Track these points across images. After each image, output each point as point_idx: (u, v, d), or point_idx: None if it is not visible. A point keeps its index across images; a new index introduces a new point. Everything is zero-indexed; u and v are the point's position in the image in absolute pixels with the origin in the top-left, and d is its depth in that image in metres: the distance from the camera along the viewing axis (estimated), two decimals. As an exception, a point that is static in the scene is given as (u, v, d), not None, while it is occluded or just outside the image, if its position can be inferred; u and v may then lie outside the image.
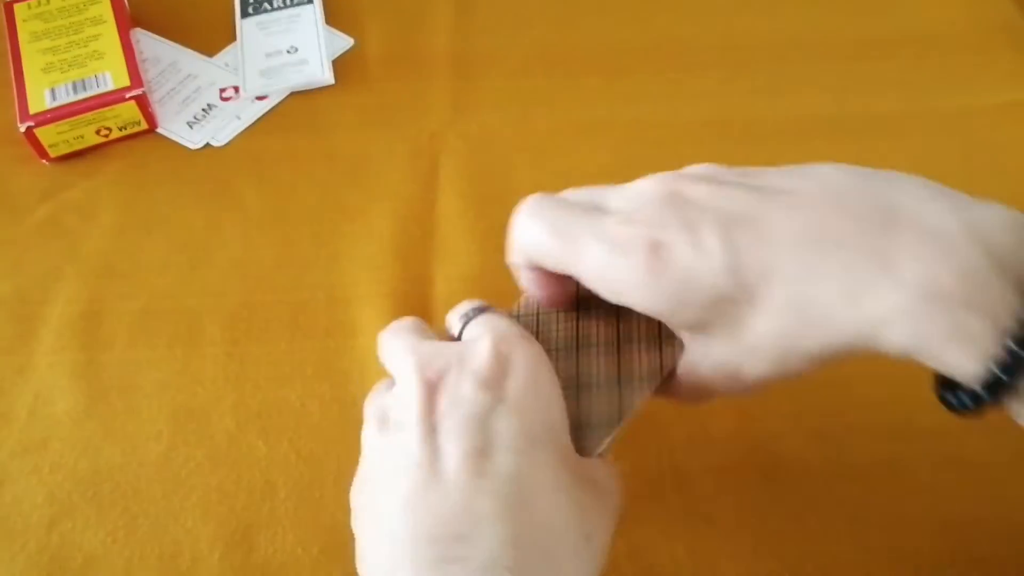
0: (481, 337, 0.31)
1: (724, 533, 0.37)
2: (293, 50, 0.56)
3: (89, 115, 0.49)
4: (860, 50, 0.55)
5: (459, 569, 0.27)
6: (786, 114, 0.52)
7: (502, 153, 0.51)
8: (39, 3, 0.55)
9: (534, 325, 0.34)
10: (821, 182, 0.29)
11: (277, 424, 0.41)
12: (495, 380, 0.30)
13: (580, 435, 0.32)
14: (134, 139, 0.52)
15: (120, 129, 0.51)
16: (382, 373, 0.42)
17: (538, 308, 0.35)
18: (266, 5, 0.58)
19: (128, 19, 0.55)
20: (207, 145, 0.52)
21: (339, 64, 0.55)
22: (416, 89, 0.54)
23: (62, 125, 0.49)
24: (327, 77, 0.54)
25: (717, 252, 0.27)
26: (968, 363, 0.25)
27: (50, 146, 0.50)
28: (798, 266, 0.27)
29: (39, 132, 0.49)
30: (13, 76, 0.51)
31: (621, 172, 0.49)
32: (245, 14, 0.58)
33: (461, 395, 0.29)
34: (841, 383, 0.40)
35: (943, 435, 0.38)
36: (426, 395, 0.30)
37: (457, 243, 0.47)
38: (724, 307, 0.28)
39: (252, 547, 0.37)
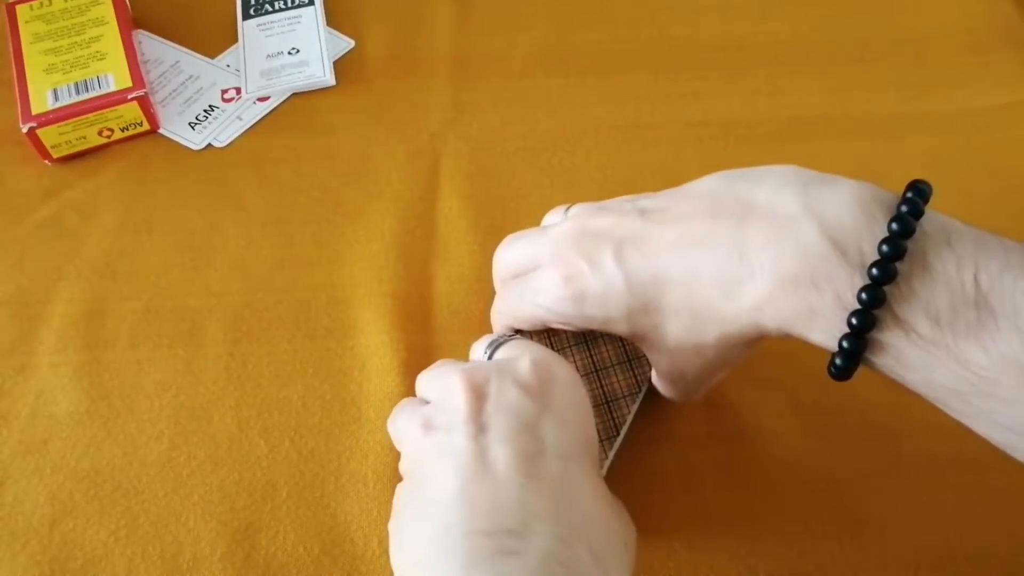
0: (521, 353, 0.33)
1: (724, 533, 0.37)
2: (294, 51, 0.56)
3: (91, 116, 0.49)
4: (860, 50, 0.55)
5: (516, 562, 0.27)
6: (786, 114, 0.52)
7: (502, 153, 0.51)
8: (41, 4, 0.55)
9: None
10: (696, 192, 0.32)
11: (278, 423, 0.41)
12: (539, 391, 0.31)
13: (610, 411, 0.37)
14: (136, 140, 0.52)
15: (122, 130, 0.51)
16: (382, 372, 0.42)
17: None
18: (267, 7, 0.58)
19: (130, 20, 0.55)
20: (209, 146, 0.52)
21: (340, 65, 0.55)
22: (416, 89, 0.54)
23: (64, 126, 0.49)
24: (328, 78, 0.54)
25: (614, 272, 0.32)
26: (824, 337, 0.28)
27: (52, 147, 0.50)
28: (681, 270, 0.31)
29: (41, 133, 0.49)
30: (15, 77, 0.51)
31: (621, 172, 0.50)
32: (246, 16, 0.58)
33: (507, 401, 0.30)
34: (841, 384, 0.40)
35: (942, 435, 0.38)
36: (473, 399, 0.31)
37: (457, 243, 0.47)
38: (643, 317, 0.32)
39: (253, 546, 0.38)
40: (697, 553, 0.37)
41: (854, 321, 0.27)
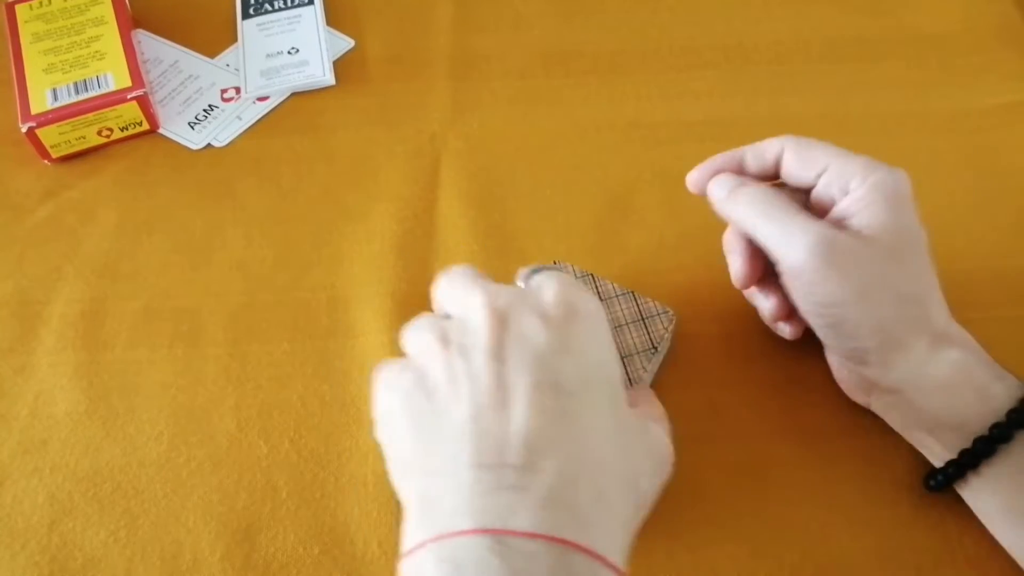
0: (547, 282, 0.32)
1: (724, 533, 0.37)
2: (294, 51, 0.56)
3: (91, 116, 0.49)
4: (860, 50, 0.55)
5: (518, 498, 0.27)
6: (786, 114, 0.52)
7: (502, 153, 0.51)
8: (41, 4, 0.55)
9: None
10: None
11: (278, 424, 0.41)
12: (560, 322, 0.31)
13: (624, 366, 0.39)
14: (136, 140, 0.52)
15: (122, 130, 0.51)
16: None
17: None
18: (267, 6, 0.58)
19: (129, 20, 0.55)
20: (208, 146, 0.52)
21: (340, 65, 0.55)
22: (416, 89, 0.54)
23: (64, 126, 0.49)
24: (328, 78, 0.54)
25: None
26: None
27: (52, 147, 0.50)
28: None
29: (41, 133, 0.49)
30: (15, 77, 0.51)
31: (621, 172, 0.50)
32: (246, 15, 0.58)
33: (527, 331, 0.30)
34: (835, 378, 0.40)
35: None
36: (495, 324, 0.30)
37: (457, 243, 0.47)
38: None
39: (253, 547, 0.38)
40: (697, 554, 0.37)
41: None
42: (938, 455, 0.35)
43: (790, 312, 0.39)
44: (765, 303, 0.39)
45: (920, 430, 0.36)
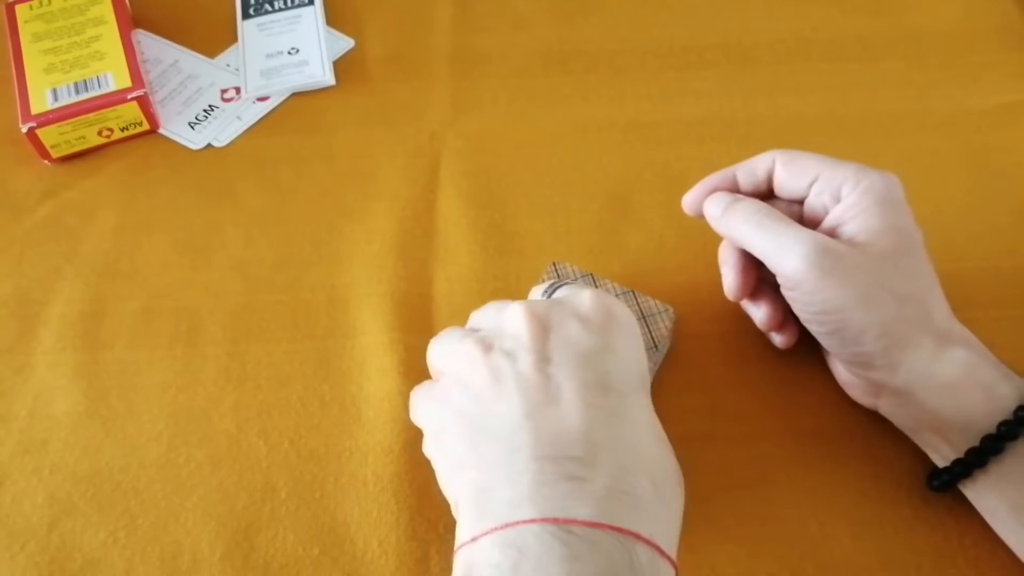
0: (581, 291, 0.33)
1: (724, 533, 0.37)
2: (294, 51, 0.56)
3: (91, 116, 0.49)
4: (861, 50, 0.55)
5: (579, 488, 0.28)
6: (786, 114, 0.52)
7: (502, 153, 0.51)
8: (41, 4, 0.55)
9: None
10: None
11: (278, 424, 0.41)
12: (600, 327, 0.32)
13: None
14: (136, 140, 0.52)
15: (122, 130, 0.51)
16: (382, 372, 0.42)
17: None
18: (267, 6, 0.58)
19: (129, 20, 0.55)
20: (208, 146, 0.52)
21: (340, 65, 0.55)
22: (416, 89, 0.54)
23: (64, 126, 0.49)
24: (328, 78, 0.54)
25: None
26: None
27: (52, 147, 0.50)
28: None
29: (41, 133, 0.49)
30: (15, 77, 0.51)
31: (621, 171, 0.50)
32: (246, 15, 0.58)
33: (570, 334, 0.31)
34: (839, 383, 0.40)
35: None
36: (537, 329, 0.31)
37: (457, 243, 0.47)
38: None
39: (253, 547, 0.38)
40: (697, 554, 0.37)
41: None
42: (944, 455, 0.36)
43: (782, 322, 0.40)
44: (757, 313, 0.40)
45: (927, 430, 0.36)
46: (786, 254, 0.35)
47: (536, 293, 0.37)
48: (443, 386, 0.33)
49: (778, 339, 0.41)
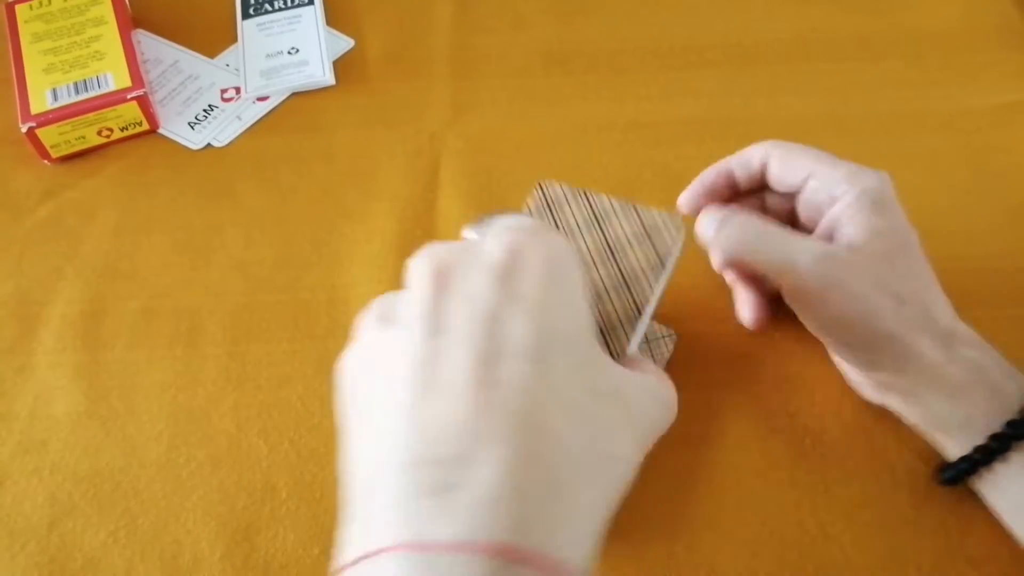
0: (500, 228, 0.29)
1: (724, 533, 0.37)
2: (294, 51, 0.56)
3: (91, 116, 0.49)
4: (860, 50, 0.55)
5: (445, 501, 0.23)
6: (786, 114, 0.52)
7: (502, 153, 0.51)
8: (41, 4, 0.55)
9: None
10: None
11: (278, 424, 0.41)
12: (508, 274, 0.27)
13: (609, 339, 0.33)
14: (135, 140, 0.52)
15: (122, 130, 0.51)
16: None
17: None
18: (267, 6, 0.58)
19: (129, 20, 0.55)
20: (208, 146, 0.52)
21: (340, 65, 0.55)
22: (416, 89, 0.54)
23: (64, 126, 0.49)
24: (328, 78, 0.54)
25: None
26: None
27: (52, 147, 0.50)
28: None
29: (41, 133, 0.49)
30: (15, 77, 0.51)
31: (621, 171, 0.50)
32: (246, 15, 0.58)
33: (471, 290, 0.26)
34: (840, 383, 0.40)
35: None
36: (434, 289, 0.27)
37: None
38: None
39: (253, 547, 0.38)
40: (697, 554, 0.37)
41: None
42: (952, 452, 0.36)
43: (766, 313, 0.40)
44: (745, 309, 0.40)
45: (936, 428, 0.36)
46: (794, 263, 0.34)
47: (472, 227, 0.33)
48: (352, 358, 0.28)
49: (749, 319, 0.40)
